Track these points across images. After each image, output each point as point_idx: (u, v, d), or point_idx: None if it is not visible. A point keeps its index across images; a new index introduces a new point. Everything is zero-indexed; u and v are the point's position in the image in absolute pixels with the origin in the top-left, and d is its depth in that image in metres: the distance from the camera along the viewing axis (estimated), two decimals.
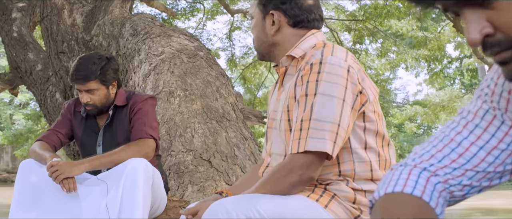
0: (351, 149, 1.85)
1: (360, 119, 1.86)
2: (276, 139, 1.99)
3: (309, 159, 1.76)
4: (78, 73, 3.00)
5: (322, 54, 1.84)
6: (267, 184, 1.79)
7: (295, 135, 1.80)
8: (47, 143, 3.10)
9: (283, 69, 2.01)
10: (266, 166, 2.05)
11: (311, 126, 1.76)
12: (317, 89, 1.79)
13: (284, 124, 1.92)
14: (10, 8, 9.04)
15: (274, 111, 2.07)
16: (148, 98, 3.14)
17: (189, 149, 3.88)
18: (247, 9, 16.36)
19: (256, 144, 4.21)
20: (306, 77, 1.83)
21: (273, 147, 2.01)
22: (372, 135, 1.88)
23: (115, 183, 2.77)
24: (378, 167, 1.87)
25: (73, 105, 3.25)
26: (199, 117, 4.11)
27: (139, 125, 3.03)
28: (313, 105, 1.78)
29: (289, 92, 1.92)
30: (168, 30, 5.24)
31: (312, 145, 1.75)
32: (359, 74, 1.86)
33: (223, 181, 3.66)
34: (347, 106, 1.79)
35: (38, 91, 7.89)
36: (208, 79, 4.51)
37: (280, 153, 1.97)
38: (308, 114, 1.78)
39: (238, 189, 2.12)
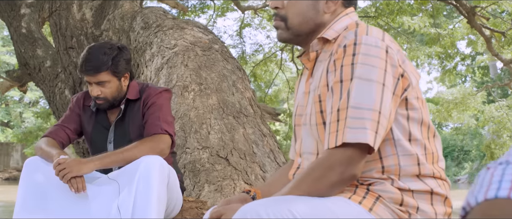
0: (394, 141, 1.63)
1: (402, 107, 1.64)
2: (306, 136, 1.77)
3: (349, 154, 1.53)
4: (88, 64, 2.78)
5: (356, 35, 1.62)
6: (302, 185, 1.56)
7: (332, 128, 1.57)
8: (54, 139, 2.88)
9: (314, 55, 1.78)
10: (297, 168, 1.82)
11: (349, 115, 1.54)
12: (354, 73, 1.57)
13: (315, 117, 1.70)
14: (19, 4, 8.93)
15: (301, 106, 1.85)
16: (162, 91, 2.92)
17: (205, 146, 3.65)
18: (258, 6, 16.19)
19: (275, 141, 3.99)
20: (339, 61, 1.61)
21: (303, 146, 1.79)
22: (417, 124, 1.65)
23: (128, 182, 2.55)
24: (426, 161, 1.64)
25: (82, 98, 3.04)
26: (215, 113, 3.89)
27: (153, 120, 2.81)
28: (349, 92, 1.56)
29: (321, 80, 1.69)
30: (181, 23, 5.03)
31: (350, 136, 1.52)
32: (399, 55, 1.63)
33: (242, 180, 3.44)
34: (388, 91, 1.57)
35: (47, 88, 7.79)
36: (223, 72, 4.28)
37: (312, 151, 1.74)
38: (345, 101, 1.56)
39: (267, 188, 1.90)
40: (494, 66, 28.10)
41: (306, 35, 1.79)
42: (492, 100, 20.61)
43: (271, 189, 1.87)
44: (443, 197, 1.65)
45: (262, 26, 17.64)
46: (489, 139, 17.33)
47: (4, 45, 26.53)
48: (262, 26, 17.60)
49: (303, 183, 1.56)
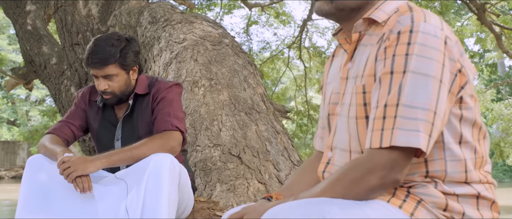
0: (444, 144, 1.44)
1: (456, 106, 1.45)
2: (341, 129, 1.58)
3: (394, 157, 1.35)
4: (95, 56, 2.62)
5: (412, 20, 1.42)
6: (337, 186, 1.38)
7: (376, 125, 1.39)
8: (58, 136, 2.72)
9: (356, 36, 1.58)
10: (327, 163, 1.63)
11: (399, 114, 1.35)
12: (407, 66, 1.37)
13: (355, 110, 1.51)
14: (24, 1, 8.83)
15: (336, 93, 1.65)
16: (173, 85, 2.76)
17: (217, 143, 3.49)
18: (265, 3, 16.04)
19: (288, 138, 3.82)
20: (392, 50, 1.41)
21: (337, 140, 1.60)
22: (469, 125, 1.47)
23: (136, 182, 2.39)
24: (474, 167, 1.46)
25: (88, 93, 2.88)
26: (227, 109, 3.73)
27: (163, 115, 2.64)
28: (401, 86, 1.37)
29: (366, 68, 1.50)
30: (189, 17, 4.87)
31: (401, 139, 1.34)
32: (457, 48, 1.44)
33: (256, 179, 3.28)
34: (445, 88, 1.39)
35: (52, 85, 7.71)
36: (234, 67, 4.12)
37: (344, 147, 1.56)
38: (395, 97, 1.37)
39: (290, 190, 1.72)
40: (502, 64, 27.87)
41: (351, 10, 1.59)
42: (501, 98, 20.44)
43: (295, 190, 1.69)
44: (490, 201, 1.47)
45: (269, 24, 17.51)
46: (498, 137, 17.14)
47: (11, 43, 26.48)
48: (269, 23, 17.47)
49: (338, 184, 1.39)
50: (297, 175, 1.79)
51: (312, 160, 1.81)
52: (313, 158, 1.82)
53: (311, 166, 1.78)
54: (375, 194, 1.39)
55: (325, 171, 1.63)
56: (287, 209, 1.30)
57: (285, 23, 16.87)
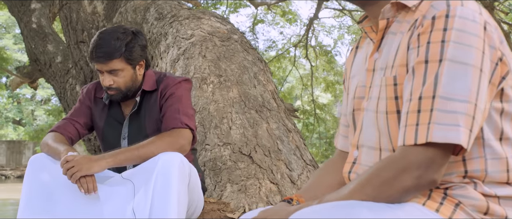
0: (484, 140, 1.30)
1: (497, 99, 1.31)
2: (368, 125, 1.44)
3: (431, 155, 1.21)
4: (99, 50, 2.49)
5: (448, 4, 1.28)
6: (367, 188, 1.25)
7: (410, 119, 1.25)
8: (62, 134, 2.59)
9: (384, 23, 1.44)
10: (353, 163, 1.49)
11: (436, 107, 1.22)
12: (444, 53, 1.23)
13: (385, 104, 1.37)
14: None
15: (362, 86, 1.51)
16: (182, 80, 2.62)
17: (227, 142, 3.36)
18: (271, 2, 15.92)
19: (300, 137, 3.69)
20: (426, 36, 1.27)
21: (364, 137, 1.46)
22: (510, 120, 1.33)
23: (144, 182, 2.27)
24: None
25: (93, 90, 2.75)
26: (236, 106, 3.60)
27: (172, 112, 2.51)
28: (438, 77, 1.23)
29: (396, 58, 1.36)
30: (197, 13, 4.74)
31: (439, 134, 1.20)
32: (497, 34, 1.30)
33: (268, 179, 3.15)
34: (485, 78, 1.25)
35: (57, 84, 7.65)
36: (244, 64, 3.99)
37: (373, 145, 1.42)
38: (430, 89, 1.23)
39: (312, 192, 1.58)
40: None
41: None
42: None
43: (317, 192, 1.56)
44: None
45: (275, 22, 17.41)
46: None
47: (16, 43, 26.45)
48: (276, 22, 17.37)
49: (368, 186, 1.25)
50: (318, 176, 1.65)
51: (334, 160, 1.67)
52: (335, 158, 1.68)
53: (334, 166, 1.64)
54: (409, 196, 1.25)
55: (351, 172, 1.49)
56: (313, 213, 1.17)
57: (292, 21, 16.77)
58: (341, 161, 1.60)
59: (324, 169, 1.66)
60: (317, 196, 1.46)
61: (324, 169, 1.66)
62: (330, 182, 1.57)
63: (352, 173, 1.48)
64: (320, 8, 15.47)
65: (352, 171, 1.48)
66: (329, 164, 1.67)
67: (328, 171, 1.64)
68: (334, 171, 1.61)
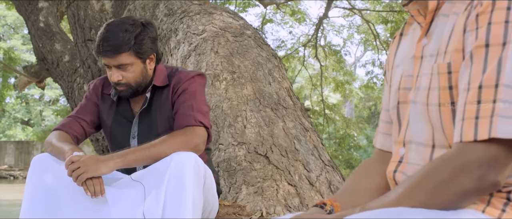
0: None
1: None
2: (417, 119, 1.26)
3: (494, 153, 1.04)
4: (106, 43, 2.31)
5: None
6: (418, 192, 1.07)
7: (468, 112, 1.08)
8: (67, 133, 2.42)
9: (434, 5, 1.27)
10: (399, 162, 1.31)
11: (500, 97, 1.04)
12: (508, 36, 1.07)
13: (437, 95, 1.19)
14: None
15: (408, 76, 1.33)
16: (195, 75, 2.44)
17: (241, 141, 3.19)
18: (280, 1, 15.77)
19: (318, 136, 3.51)
20: (486, 17, 1.10)
21: (411, 133, 1.28)
22: None
23: (156, 184, 2.09)
24: None
25: (100, 85, 2.57)
26: (251, 104, 3.42)
27: (186, 109, 2.33)
28: (501, 62, 1.06)
29: (450, 42, 1.19)
30: (208, 8, 4.58)
31: (504, 128, 1.03)
32: None
33: (285, 181, 2.97)
34: None
35: (65, 83, 7.55)
36: (258, 60, 3.82)
37: (424, 141, 1.24)
38: (493, 76, 1.06)
39: (348, 197, 1.39)
40: None
41: None
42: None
43: (354, 197, 1.37)
44: None
45: (284, 22, 17.28)
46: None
47: (25, 43, 26.41)
48: (284, 21, 17.24)
49: (420, 189, 1.07)
50: (355, 179, 1.46)
51: (372, 161, 1.48)
52: (374, 158, 1.50)
53: (372, 168, 1.45)
54: (467, 201, 1.07)
55: (396, 171, 1.30)
56: None
57: (301, 21, 16.62)
58: (380, 162, 1.42)
59: (361, 171, 1.47)
60: (354, 201, 1.29)
61: (361, 171, 1.47)
62: (368, 186, 1.39)
63: (397, 172, 1.29)
64: (329, 7, 15.33)
65: (397, 170, 1.30)
66: (367, 165, 1.48)
67: (365, 173, 1.45)
68: (372, 174, 1.43)
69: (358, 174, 1.46)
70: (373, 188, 1.39)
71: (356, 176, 1.46)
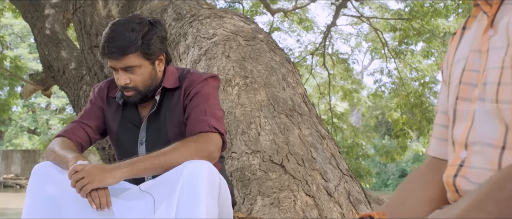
0: None
1: None
2: (484, 118, 1.10)
3: None
4: (112, 44, 2.14)
5: None
6: (489, 204, 0.90)
7: None
8: (70, 140, 2.24)
9: None
10: (460, 165, 1.13)
11: None
12: None
13: (510, 91, 1.03)
14: (43, 5, 8.58)
15: (471, 70, 1.17)
16: (208, 77, 2.27)
17: (255, 150, 3.01)
18: (288, 8, 15.64)
19: (335, 144, 3.33)
20: None
21: (476, 133, 1.12)
22: None
23: (166, 195, 1.92)
24: None
25: (105, 88, 2.40)
26: (265, 110, 3.25)
27: (198, 114, 2.15)
28: None
29: None
30: (218, 12, 4.41)
31: None
32: None
33: (303, 191, 2.79)
34: None
35: (71, 91, 7.42)
36: (271, 64, 3.64)
37: (493, 142, 1.08)
38: None
39: (399, 210, 1.22)
40: None
41: None
42: None
43: (405, 210, 1.20)
44: None
45: (292, 30, 17.14)
46: None
47: (31, 52, 26.37)
48: (292, 29, 17.10)
49: (491, 200, 0.90)
50: (405, 190, 1.29)
51: (424, 170, 1.31)
52: (426, 167, 1.32)
53: (424, 178, 1.28)
54: None
55: (457, 175, 1.12)
56: None
57: (308, 29, 16.49)
58: (433, 172, 1.25)
59: (411, 182, 1.30)
60: (405, 214, 1.13)
61: (412, 181, 1.30)
62: (420, 198, 1.23)
63: (458, 177, 1.12)
64: (337, 15, 15.21)
65: (459, 175, 1.12)
66: (417, 176, 1.31)
67: (416, 184, 1.28)
68: (425, 184, 1.26)
69: (408, 185, 1.29)
70: (425, 200, 1.22)
71: (405, 187, 1.29)
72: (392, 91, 17.34)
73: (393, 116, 17.35)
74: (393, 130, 17.13)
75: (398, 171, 30.42)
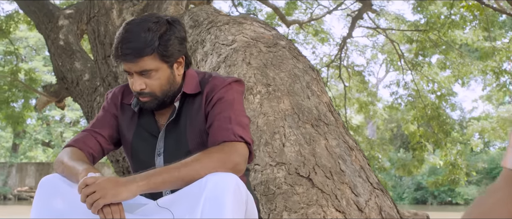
0: None
1: None
2: None
3: None
4: (126, 46, 1.94)
5: None
6: None
7: None
8: (80, 150, 2.03)
9: None
10: None
11: None
12: None
13: None
14: (57, 15, 8.47)
15: None
16: (232, 81, 2.05)
17: (280, 162, 2.80)
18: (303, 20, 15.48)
19: (364, 156, 3.11)
20: None
21: None
22: None
23: (188, 211, 1.71)
24: None
25: (119, 94, 2.19)
26: (289, 120, 3.04)
27: (222, 121, 1.94)
28: None
29: None
30: (237, 18, 4.23)
31: None
32: None
33: (332, 206, 2.57)
34: None
35: (85, 102, 7.28)
36: (295, 72, 3.44)
37: None
38: None
39: None
40: None
41: None
42: None
43: None
44: None
45: (307, 42, 16.98)
46: None
47: (46, 65, 26.40)
48: (307, 41, 16.94)
49: None
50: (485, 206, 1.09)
51: (502, 185, 1.11)
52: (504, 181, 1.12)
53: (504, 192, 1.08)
54: None
55: None
56: None
57: (324, 41, 16.32)
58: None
59: (490, 196, 1.10)
60: None
61: (490, 196, 1.10)
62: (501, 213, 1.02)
63: None
64: (353, 26, 15.05)
65: None
66: (496, 189, 1.10)
67: (496, 198, 1.08)
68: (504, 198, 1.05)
69: (487, 201, 1.09)
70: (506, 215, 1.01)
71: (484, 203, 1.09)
72: (408, 104, 17.14)
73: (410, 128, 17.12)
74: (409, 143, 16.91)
75: (413, 185, 30.03)
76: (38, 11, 8.68)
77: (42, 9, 8.65)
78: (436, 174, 27.48)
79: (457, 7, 13.99)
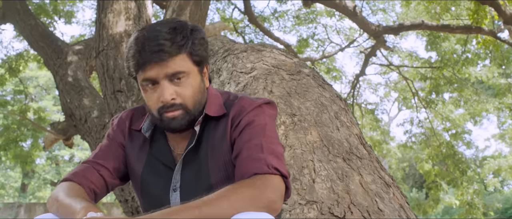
0: None
1: None
2: None
3: None
4: (153, 43, 1.58)
5: None
6: None
7: None
8: (80, 185, 1.68)
9: None
10: None
11: None
12: None
13: None
14: (66, 51, 8.26)
15: None
16: (263, 103, 1.70)
17: (311, 200, 2.45)
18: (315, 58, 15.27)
19: (401, 194, 2.76)
20: None
21: None
22: None
23: None
24: None
25: (127, 120, 1.84)
26: (319, 153, 2.70)
27: (253, 150, 1.58)
28: None
29: None
30: (255, 46, 3.93)
31: None
32: None
33: None
34: None
35: (93, 140, 7.00)
36: (321, 101, 3.12)
37: None
38: None
39: None
40: None
41: None
42: None
43: None
44: None
45: None
46: None
47: (56, 104, 26.26)
48: None
49: None
50: None
51: None
52: None
53: None
54: None
55: None
56: None
57: (336, 79, 16.11)
58: None
59: None
60: None
61: None
62: None
63: None
64: (366, 64, 14.83)
65: None
66: None
67: None
68: None
69: None
70: None
71: None
72: (422, 142, 16.81)
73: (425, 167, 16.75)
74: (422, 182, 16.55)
75: None
76: (47, 47, 8.50)
77: (51, 45, 8.46)
78: (450, 214, 26.89)
79: (470, 43, 13.80)
